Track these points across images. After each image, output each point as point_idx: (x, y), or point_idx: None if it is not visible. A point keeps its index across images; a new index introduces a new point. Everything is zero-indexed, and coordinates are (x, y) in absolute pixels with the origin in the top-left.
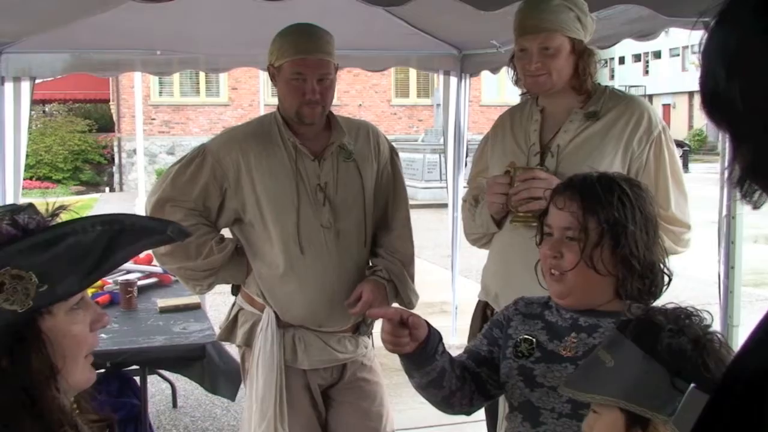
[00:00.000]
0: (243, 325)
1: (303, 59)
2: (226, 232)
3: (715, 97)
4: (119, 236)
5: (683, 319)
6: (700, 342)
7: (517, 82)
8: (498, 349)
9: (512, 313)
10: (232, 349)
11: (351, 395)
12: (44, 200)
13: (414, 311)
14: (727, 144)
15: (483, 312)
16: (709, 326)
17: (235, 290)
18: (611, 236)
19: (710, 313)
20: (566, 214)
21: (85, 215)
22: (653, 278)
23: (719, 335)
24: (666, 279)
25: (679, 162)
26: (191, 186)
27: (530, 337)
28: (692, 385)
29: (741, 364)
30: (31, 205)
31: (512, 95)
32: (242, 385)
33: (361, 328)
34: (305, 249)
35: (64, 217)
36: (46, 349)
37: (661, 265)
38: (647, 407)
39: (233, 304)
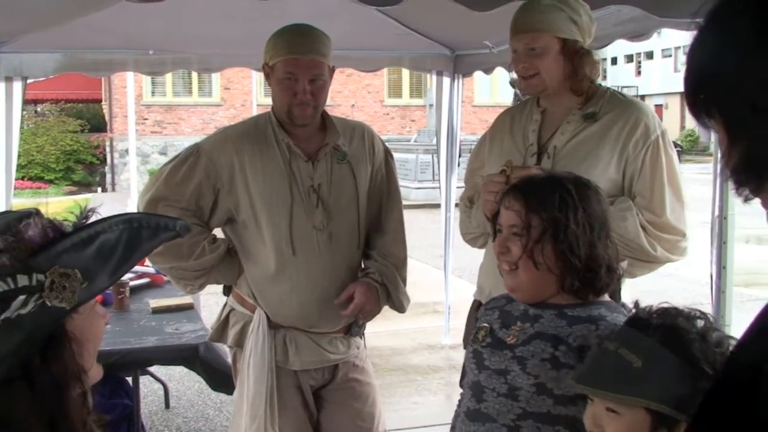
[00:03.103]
0: (234, 325)
1: (295, 59)
2: (217, 233)
3: (715, 80)
4: (139, 233)
5: (701, 323)
6: (723, 346)
7: (513, 84)
8: None
9: (480, 314)
10: (226, 350)
11: (343, 396)
12: (73, 198)
13: (406, 312)
14: (717, 139)
15: (477, 311)
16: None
17: (227, 291)
18: (552, 233)
19: (709, 315)
20: (512, 213)
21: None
22: (595, 275)
23: (733, 339)
24: (617, 276)
25: (678, 169)
26: (184, 185)
27: (487, 325)
28: None
29: (737, 358)
30: (38, 212)
31: (504, 96)
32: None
33: (353, 329)
34: (297, 250)
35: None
36: (73, 347)
37: (610, 262)
38: (680, 410)
39: (224, 305)
